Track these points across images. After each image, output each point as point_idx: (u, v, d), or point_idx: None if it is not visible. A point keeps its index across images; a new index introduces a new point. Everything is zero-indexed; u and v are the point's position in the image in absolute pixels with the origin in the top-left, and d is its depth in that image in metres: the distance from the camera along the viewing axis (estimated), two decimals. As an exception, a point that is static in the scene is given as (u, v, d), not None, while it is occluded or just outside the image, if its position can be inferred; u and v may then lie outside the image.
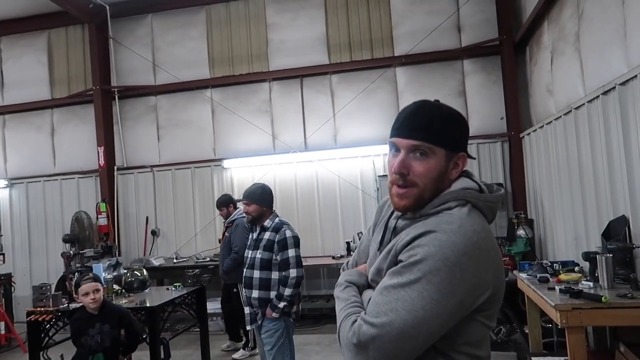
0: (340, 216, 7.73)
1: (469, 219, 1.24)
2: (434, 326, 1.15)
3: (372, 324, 1.15)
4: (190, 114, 8.35)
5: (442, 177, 1.31)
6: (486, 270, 1.20)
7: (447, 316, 1.15)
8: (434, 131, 1.29)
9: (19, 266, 8.52)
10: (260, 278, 3.72)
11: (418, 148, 1.29)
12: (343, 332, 1.24)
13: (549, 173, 5.86)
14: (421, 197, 1.30)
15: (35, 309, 4.54)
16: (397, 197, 1.32)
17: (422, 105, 1.35)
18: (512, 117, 7.13)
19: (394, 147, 1.35)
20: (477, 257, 1.18)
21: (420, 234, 1.21)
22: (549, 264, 4.23)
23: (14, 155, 8.95)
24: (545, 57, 5.98)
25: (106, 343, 3.64)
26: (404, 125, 1.33)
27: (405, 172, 1.30)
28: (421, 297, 1.14)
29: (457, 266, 1.15)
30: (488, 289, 1.22)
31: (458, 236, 1.18)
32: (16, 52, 8.93)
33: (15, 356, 6.50)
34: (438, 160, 1.29)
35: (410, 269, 1.17)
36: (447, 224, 1.22)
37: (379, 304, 1.18)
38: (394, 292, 1.17)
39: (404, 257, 1.21)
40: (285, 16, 8.04)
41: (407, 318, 1.13)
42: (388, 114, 7.66)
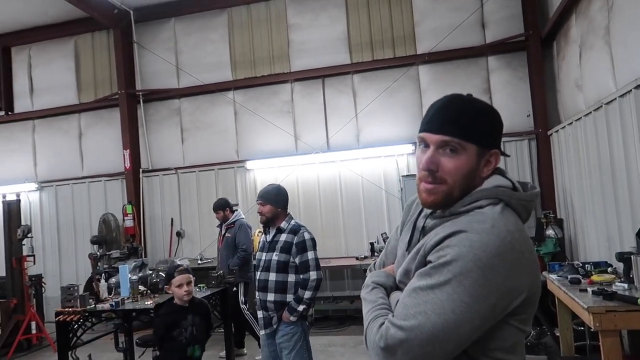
0: (364, 217, 7.66)
1: (502, 218, 1.18)
2: (465, 331, 1.09)
3: (400, 327, 1.11)
4: (213, 116, 8.41)
5: (473, 175, 1.25)
6: (520, 273, 1.14)
7: (478, 320, 1.10)
8: (465, 126, 1.23)
9: (49, 267, 8.72)
10: (276, 281, 3.61)
11: (448, 144, 1.23)
12: (370, 335, 1.19)
13: (579, 171, 5.68)
14: (450, 194, 1.24)
15: (64, 310, 4.62)
16: (425, 192, 1.27)
17: (454, 99, 1.28)
18: (539, 114, 6.96)
19: (423, 143, 1.28)
20: (510, 259, 1.12)
21: (450, 234, 1.16)
22: (580, 265, 4.09)
23: (43, 159, 9.18)
24: (574, 52, 5.80)
25: (199, 335, 3.62)
26: (433, 119, 1.26)
27: (434, 168, 1.24)
28: (451, 299, 1.09)
29: (489, 268, 1.09)
30: (522, 292, 1.15)
31: (491, 236, 1.12)
32: (45, 59, 9.16)
33: (45, 355, 6.66)
34: (469, 157, 1.23)
35: (440, 271, 1.12)
36: (478, 223, 1.16)
37: (408, 306, 1.13)
38: (423, 294, 1.12)
39: (433, 257, 1.16)
40: (306, 17, 8.03)
41: (436, 321, 1.08)
42: (411, 113, 7.57)
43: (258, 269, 3.78)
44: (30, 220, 8.65)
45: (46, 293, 7.63)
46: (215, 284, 5.25)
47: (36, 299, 7.28)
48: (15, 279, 6.98)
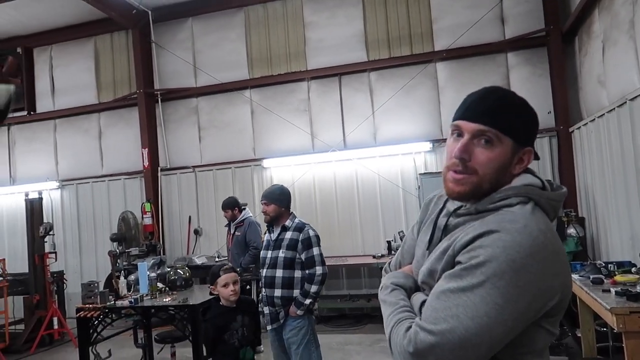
0: (381, 215, 7.62)
1: (534, 217, 1.14)
2: (498, 334, 1.06)
3: (430, 331, 1.07)
4: (230, 114, 8.45)
5: (504, 170, 1.20)
6: (554, 274, 1.11)
7: (511, 323, 1.06)
8: (504, 118, 1.19)
9: (71, 264, 8.88)
10: (283, 277, 3.75)
11: (484, 134, 1.18)
12: (396, 339, 1.15)
13: (601, 168, 5.56)
14: (479, 186, 1.20)
15: (84, 306, 4.70)
16: (453, 182, 1.22)
17: (494, 90, 1.25)
18: (560, 111, 6.84)
19: (457, 131, 1.23)
20: (544, 260, 1.09)
21: (482, 234, 1.12)
22: (602, 265, 3.99)
23: (64, 158, 9.34)
24: (597, 47, 5.68)
25: (250, 335, 3.42)
26: (471, 107, 1.22)
27: (467, 157, 1.19)
28: (485, 302, 1.05)
29: (523, 269, 1.06)
30: (556, 293, 1.12)
31: (524, 236, 1.08)
32: (65, 60, 9.31)
33: (67, 350, 6.78)
34: (503, 151, 1.19)
35: (472, 272, 1.08)
36: (510, 222, 1.11)
37: (437, 309, 1.09)
38: (454, 297, 1.08)
39: (464, 258, 1.12)
40: (323, 15, 8.01)
41: (469, 325, 1.04)
42: (428, 110, 7.51)
43: (263, 266, 3.92)
44: (52, 218, 8.80)
45: (67, 289, 7.79)
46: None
47: (58, 295, 7.44)
48: (37, 275, 7.12)
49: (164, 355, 5.38)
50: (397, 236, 7.08)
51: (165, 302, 4.62)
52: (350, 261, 7.14)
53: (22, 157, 9.55)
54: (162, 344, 5.13)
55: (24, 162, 9.52)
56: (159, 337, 5.06)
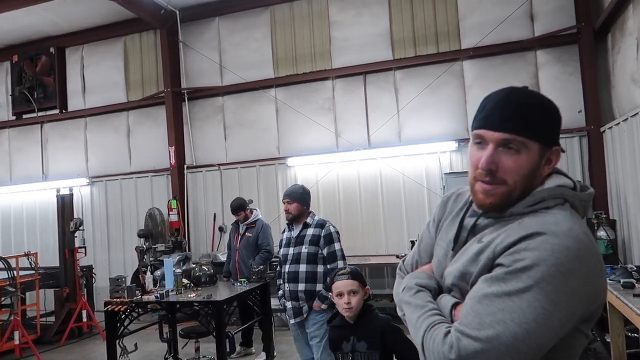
0: (405, 214, 7.57)
1: (575, 220, 1.12)
2: (545, 340, 1.03)
3: (475, 338, 1.03)
4: (255, 113, 8.51)
5: (533, 175, 1.17)
6: (597, 277, 1.09)
7: (559, 329, 1.04)
8: (528, 123, 1.15)
9: (99, 258, 9.09)
10: (306, 272, 3.90)
11: (509, 142, 1.15)
12: (432, 344, 1.11)
13: (634, 170, 5.39)
14: (510, 195, 1.17)
15: (112, 300, 4.81)
16: (483, 194, 1.19)
17: (513, 93, 1.20)
18: (591, 110, 6.66)
19: (479, 139, 1.20)
20: (589, 263, 1.07)
21: (526, 236, 1.08)
22: (634, 269, 3.88)
23: (94, 155, 9.56)
24: (630, 44, 5.50)
25: None
26: (493, 114, 1.18)
27: (494, 168, 1.16)
28: (532, 307, 1.02)
29: (571, 273, 1.04)
30: (599, 297, 1.10)
31: (570, 239, 1.06)
32: (96, 59, 9.53)
33: (95, 343, 6.96)
34: (531, 156, 1.16)
35: (518, 276, 1.04)
36: (555, 225, 1.09)
37: (480, 314, 1.05)
38: (499, 302, 1.04)
39: (507, 261, 1.08)
40: (349, 13, 7.99)
41: (517, 331, 1.01)
42: (454, 109, 7.41)
43: (286, 262, 4.02)
44: (82, 213, 9.03)
45: (96, 283, 7.97)
46: (255, 279, 5.32)
47: (87, 289, 7.64)
48: (67, 269, 7.33)
49: (188, 350, 5.46)
50: (421, 236, 7.01)
51: (190, 297, 4.69)
52: (373, 260, 7.11)
53: (54, 154, 9.83)
54: (187, 339, 5.21)
55: (56, 159, 9.79)
56: (183, 332, 5.15)
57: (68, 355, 6.47)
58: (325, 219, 4.13)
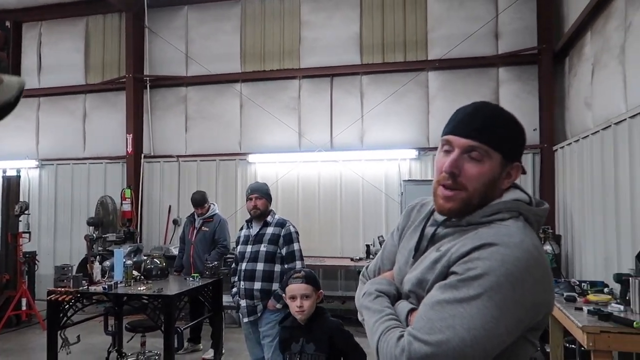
0: (362, 219, 7.64)
1: (527, 232, 1.17)
2: (492, 346, 1.07)
3: (425, 342, 1.07)
4: (219, 106, 8.39)
5: (493, 185, 1.22)
6: (545, 288, 1.14)
7: (505, 336, 1.08)
8: (494, 134, 1.21)
9: (44, 245, 8.70)
10: (264, 270, 3.88)
11: (474, 149, 1.20)
12: (386, 347, 1.14)
13: (581, 189, 5.66)
14: (469, 202, 1.22)
15: (56, 289, 4.61)
16: (443, 199, 1.24)
17: (484, 106, 1.27)
18: (545, 129, 6.94)
19: (447, 145, 1.25)
20: (538, 274, 1.11)
21: (479, 246, 1.13)
22: (577, 283, 4.06)
23: (46, 137, 9.16)
24: (586, 69, 5.78)
25: None
26: (462, 123, 1.24)
27: (457, 172, 1.21)
28: (481, 314, 1.06)
29: (519, 283, 1.08)
30: (546, 307, 1.16)
31: (521, 251, 1.10)
32: (54, 38, 9.14)
33: (34, 333, 6.64)
34: (493, 166, 1.21)
35: (469, 284, 1.09)
36: (507, 236, 1.13)
37: (432, 319, 1.09)
38: (450, 308, 1.08)
39: (460, 269, 1.12)
40: (320, 15, 8.01)
41: (465, 337, 1.05)
42: (417, 118, 7.56)
43: (243, 260, 3.98)
44: (29, 197, 8.62)
45: (39, 271, 7.62)
46: (209, 274, 5.23)
47: (28, 276, 7.28)
48: (9, 254, 6.97)
49: (133, 345, 5.30)
50: (377, 240, 7.10)
51: (139, 290, 4.56)
52: (328, 262, 7.14)
53: (2, 132, 9.28)
54: (133, 333, 5.06)
55: (4, 139, 9.27)
56: (130, 326, 5.00)
57: (4, 344, 6.15)
58: (286, 219, 4.12)
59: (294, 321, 2.77)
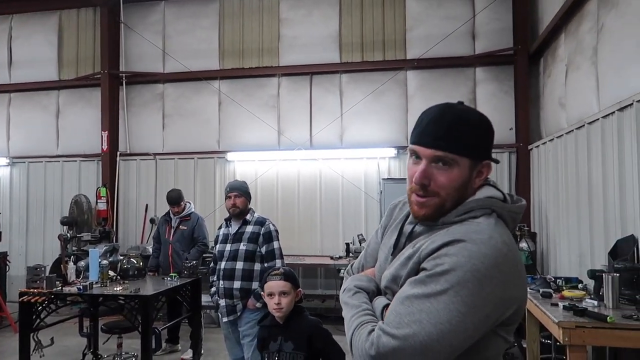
0: (342, 217, 7.65)
1: (498, 229, 1.19)
2: (459, 341, 1.09)
3: (393, 336, 1.09)
4: (196, 104, 8.29)
5: (465, 186, 1.25)
6: (514, 285, 1.15)
7: (472, 331, 1.10)
8: (459, 141, 1.22)
9: (15, 245, 8.47)
10: (243, 269, 3.84)
11: (441, 159, 1.22)
12: (357, 341, 1.17)
13: (556, 187, 5.78)
14: (442, 206, 1.24)
15: (28, 290, 4.48)
16: (417, 205, 1.26)
17: (447, 111, 1.26)
18: (521, 128, 7.06)
19: (415, 154, 1.27)
20: (507, 270, 1.13)
21: (448, 243, 1.15)
22: (552, 279, 4.15)
23: (17, 134, 8.90)
24: (560, 70, 5.90)
25: None
26: (426, 132, 1.24)
27: (427, 182, 1.23)
28: (448, 309, 1.08)
29: (486, 279, 1.09)
30: (514, 303, 1.17)
31: (488, 247, 1.12)
32: (26, 31, 8.88)
33: (5, 335, 6.46)
34: (462, 170, 1.23)
35: (437, 279, 1.11)
36: (476, 233, 1.15)
37: (401, 314, 1.11)
38: (418, 303, 1.10)
39: (429, 265, 1.15)
40: (299, 12, 7.98)
41: (431, 331, 1.07)
42: (396, 117, 7.60)
43: (222, 259, 3.94)
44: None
45: (10, 272, 7.43)
46: (187, 274, 5.16)
47: (-1, 278, 7.08)
48: (-22, 255, 6.76)
49: (109, 346, 5.21)
50: (357, 239, 7.13)
51: (115, 291, 4.47)
52: (308, 261, 7.14)
53: (-30, 129, 9.04)
54: (109, 334, 4.97)
55: (-28, 135, 9.01)
56: (105, 327, 4.90)
57: (-27, 348, 5.97)
58: (265, 217, 4.10)
59: (273, 320, 2.76)
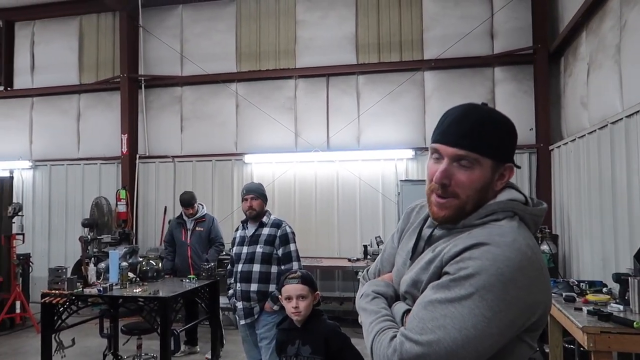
0: (359, 219, 7.62)
1: (521, 232, 1.16)
2: (484, 347, 1.06)
3: (416, 342, 1.07)
4: (214, 106, 8.34)
5: (486, 188, 1.22)
6: (539, 289, 1.12)
7: (497, 337, 1.07)
8: (482, 141, 1.19)
9: (38, 247, 8.62)
10: (260, 272, 3.83)
11: (463, 158, 1.19)
12: (379, 348, 1.15)
13: (578, 188, 5.66)
14: (462, 208, 1.22)
15: (50, 291, 4.56)
16: (437, 206, 1.24)
17: (471, 110, 1.24)
18: (541, 129, 6.95)
19: (436, 153, 1.24)
20: (531, 274, 1.10)
21: (471, 246, 1.12)
22: (575, 283, 4.06)
23: (39, 138, 9.07)
24: (582, 69, 5.78)
25: None
26: (449, 131, 1.22)
27: (447, 182, 1.21)
28: (473, 314, 1.05)
29: (511, 283, 1.07)
30: (540, 308, 1.14)
31: (512, 250, 1.09)
32: (48, 37, 9.06)
33: (28, 336, 6.58)
34: (484, 171, 1.20)
35: (461, 284, 1.08)
36: (499, 236, 1.12)
37: (424, 319, 1.09)
38: (441, 308, 1.08)
39: (452, 269, 1.12)
40: (315, 14, 7.98)
41: (456, 337, 1.04)
42: (413, 118, 7.54)
43: (239, 261, 3.93)
44: (22, 198, 8.53)
45: (33, 273, 7.56)
46: (205, 276, 5.19)
47: (22, 279, 7.22)
48: (2, 256, 6.90)
49: (129, 347, 5.26)
50: (374, 241, 7.08)
51: (135, 292, 4.52)
52: (325, 263, 7.11)
53: (-6, 133, 9.25)
54: (129, 336, 5.02)
55: (-3, 139, 9.22)
56: (125, 328, 4.96)
57: (-3, 347, 6.09)
58: (282, 219, 4.09)
59: (291, 323, 2.75)
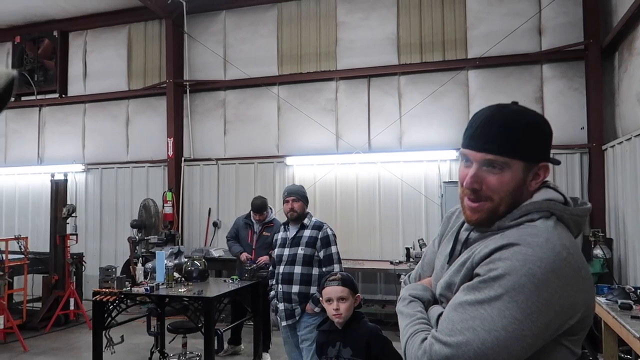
0: (401, 221, 7.52)
1: (556, 232, 1.11)
2: (516, 349, 1.03)
3: (445, 343, 1.06)
4: (256, 110, 8.45)
5: (519, 189, 1.19)
6: (576, 291, 1.07)
7: (530, 339, 1.03)
8: (510, 143, 1.16)
9: (91, 247, 9.00)
10: (301, 274, 3.85)
11: (492, 162, 1.17)
12: (411, 350, 1.15)
13: (634, 189, 5.37)
14: (495, 211, 1.19)
15: (101, 290, 4.74)
16: (470, 210, 1.22)
17: (498, 112, 1.20)
18: (594, 128, 6.63)
19: (465, 158, 1.23)
20: (566, 276, 1.05)
21: (502, 246, 1.09)
22: (632, 290, 3.84)
23: (91, 142, 9.48)
24: (638, 64, 5.49)
25: None
26: (477, 135, 1.20)
27: (478, 187, 1.19)
28: (502, 316, 1.03)
29: (544, 284, 1.03)
30: (578, 312, 1.08)
31: (545, 251, 1.05)
32: (99, 45, 9.45)
33: (81, 332, 6.87)
34: (515, 173, 1.17)
35: (490, 285, 1.06)
36: (532, 236, 1.09)
37: (454, 321, 1.07)
38: (471, 309, 1.06)
39: (482, 270, 1.10)
40: (356, 15, 7.95)
41: (486, 338, 1.02)
42: (457, 118, 7.38)
43: (280, 263, 3.97)
44: (76, 200, 8.93)
45: (86, 271, 7.89)
46: (248, 277, 5.25)
47: (76, 277, 7.55)
48: (58, 255, 7.23)
49: (175, 345, 5.40)
50: (417, 244, 6.96)
51: (180, 292, 4.63)
52: (367, 265, 7.05)
53: (51, 138, 9.73)
54: (174, 334, 5.14)
55: (53, 143, 9.69)
56: (171, 327, 5.08)
57: (53, 342, 6.38)
58: (323, 221, 4.09)
59: (332, 325, 2.75)
